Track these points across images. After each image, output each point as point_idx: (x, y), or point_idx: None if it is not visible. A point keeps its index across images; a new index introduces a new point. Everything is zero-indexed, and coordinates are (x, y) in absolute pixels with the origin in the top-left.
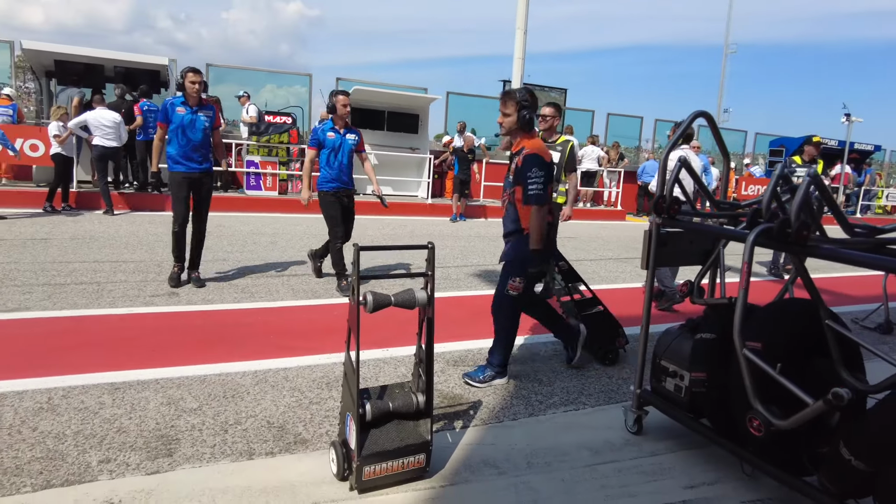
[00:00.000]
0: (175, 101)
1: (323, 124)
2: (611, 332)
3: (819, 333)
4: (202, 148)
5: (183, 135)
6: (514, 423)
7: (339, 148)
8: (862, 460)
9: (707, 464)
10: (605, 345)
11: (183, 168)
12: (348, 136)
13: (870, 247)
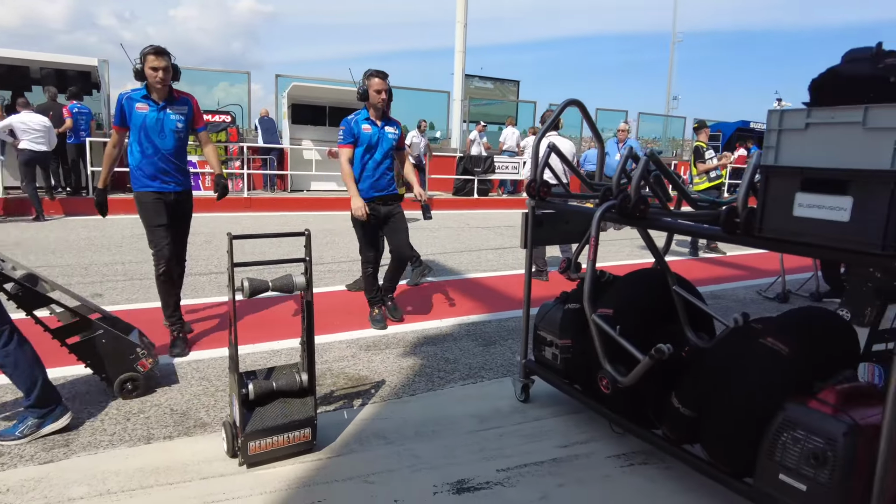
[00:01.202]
0: (133, 94)
1: (356, 115)
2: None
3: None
4: (176, 158)
5: (148, 140)
6: (412, 399)
7: (377, 145)
8: (688, 408)
9: (583, 425)
10: (117, 374)
11: (154, 187)
12: (387, 129)
13: (709, 218)
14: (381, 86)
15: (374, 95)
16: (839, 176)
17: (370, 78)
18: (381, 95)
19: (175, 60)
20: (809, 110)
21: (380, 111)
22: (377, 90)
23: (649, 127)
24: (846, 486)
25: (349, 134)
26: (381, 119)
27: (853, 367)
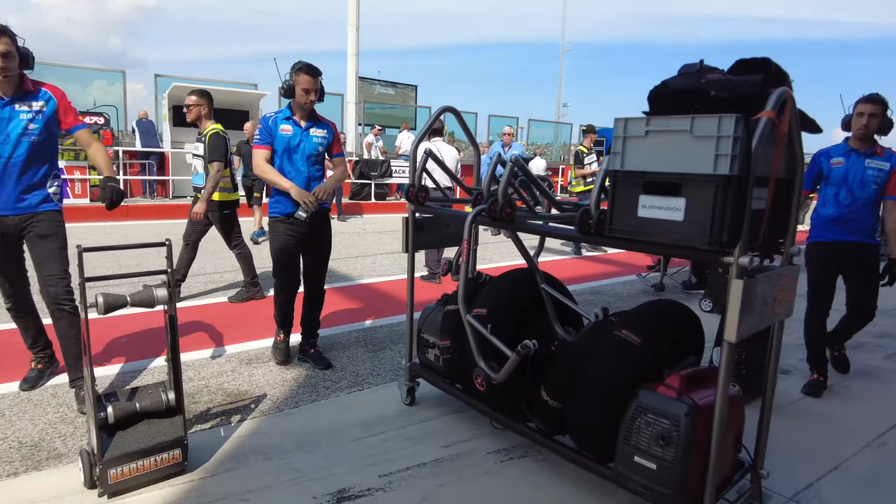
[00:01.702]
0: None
1: (277, 112)
2: None
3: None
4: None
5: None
6: (295, 411)
7: (298, 149)
8: (555, 399)
9: (466, 424)
10: None
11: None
12: (313, 131)
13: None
14: (311, 84)
15: (300, 94)
16: (673, 179)
17: (298, 73)
18: (309, 96)
19: (24, 44)
20: (648, 119)
21: (306, 112)
22: (305, 89)
23: (541, 133)
24: (687, 462)
25: (266, 134)
26: (306, 119)
27: (697, 354)
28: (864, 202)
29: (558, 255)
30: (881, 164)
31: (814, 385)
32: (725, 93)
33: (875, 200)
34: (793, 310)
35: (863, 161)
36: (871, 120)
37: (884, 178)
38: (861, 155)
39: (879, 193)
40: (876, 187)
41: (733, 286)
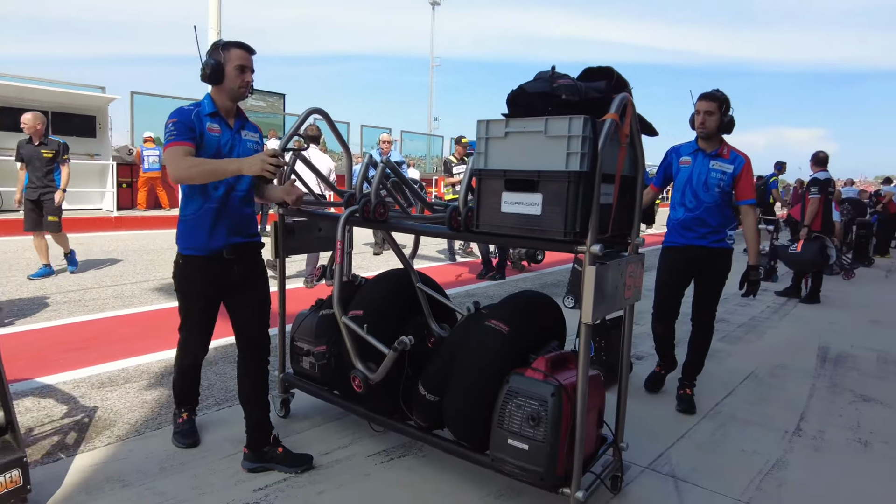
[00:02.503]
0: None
1: (195, 106)
2: None
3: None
4: None
5: None
6: (157, 433)
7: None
8: (432, 393)
9: (344, 429)
10: None
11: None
12: (245, 134)
13: (441, 220)
14: (248, 61)
15: (233, 75)
16: (531, 176)
17: (228, 49)
18: (245, 77)
19: None
20: (508, 121)
21: (233, 107)
22: (241, 66)
23: (413, 145)
24: (556, 439)
25: (186, 129)
26: (234, 117)
27: (559, 339)
28: (709, 206)
29: (434, 261)
30: (725, 167)
31: (651, 379)
32: (575, 96)
33: (721, 203)
34: (640, 295)
35: (708, 162)
36: (707, 118)
37: (727, 182)
38: (707, 155)
39: (725, 197)
40: (719, 191)
41: (587, 272)
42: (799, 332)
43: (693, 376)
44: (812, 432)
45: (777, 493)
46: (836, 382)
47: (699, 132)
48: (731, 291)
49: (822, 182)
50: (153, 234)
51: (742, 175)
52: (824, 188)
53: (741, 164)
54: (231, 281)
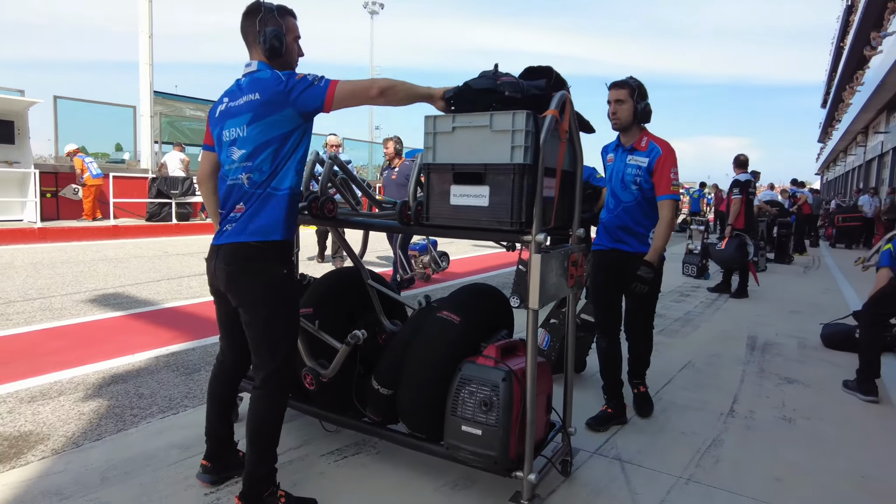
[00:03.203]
0: None
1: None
2: None
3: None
4: None
5: None
6: (97, 444)
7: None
8: (385, 387)
9: (297, 431)
10: None
11: None
12: None
13: (391, 215)
14: (299, 32)
15: (293, 48)
16: (478, 169)
17: (284, 17)
18: (300, 50)
19: None
20: (454, 116)
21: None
22: (297, 37)
23: (356, 154)
24: (508, 423)
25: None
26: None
27: (508, 328)
28: (628, 206)
29: (385, 266)
30: (640, 160)
31: (598, 418)
32: (517, 93)
33: (641, 202)
34: (583, 285)
35: (626, 157)
36: (617, 107)
37: (644, 177)
38: (625, 150)
39: (647, 194)
40: (636, 188)
41: (532, 260)
42: (730, 324)
43: (641, 373)
44: (744, 413)
45: (714, 469)
46: (763, 368)
47: (613, 125)
48: (667, 289)
49: (743, 183)
50: (82, 246)
51: (658, 167)
52: (745, 189)
53: (656, 154)
54: None
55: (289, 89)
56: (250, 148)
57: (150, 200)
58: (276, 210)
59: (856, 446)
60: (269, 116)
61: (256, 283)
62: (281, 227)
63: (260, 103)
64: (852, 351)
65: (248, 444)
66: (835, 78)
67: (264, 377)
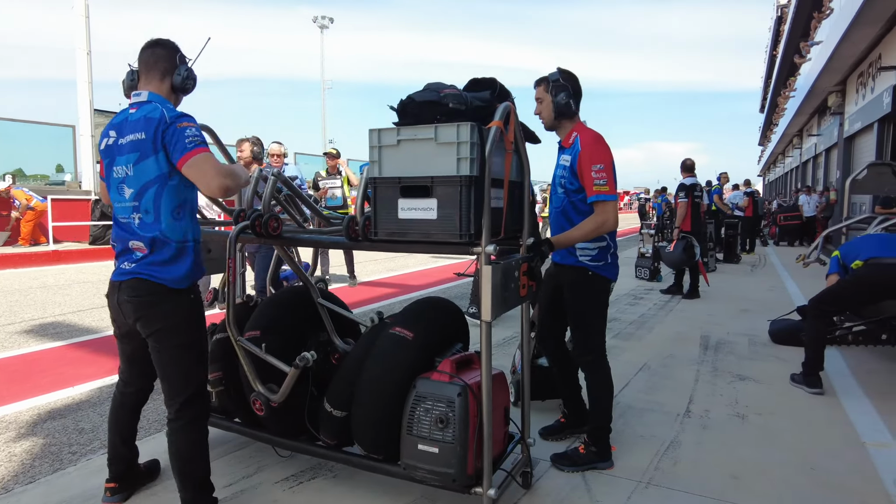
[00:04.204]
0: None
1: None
2: None
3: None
4: None
5: None
6: (29, 487)
7: None
8: (339, 409)
9: (248, 459)
10: None
11: None
12: None
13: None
14: None
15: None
16: (425, 182)
17: None
18: None
19: None
20: (399, 129)
21: None
22: None
23: (309, 169)
24: (465, 439)
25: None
26: None
27: (463, 342)
28: (556, 211)
29: (337, 282)
30: (565, 159)
31: (549, 427)
32: (461, 105)
33: (564, 207)
34: (535, 294)
35: (559, 157)
36: (539, 106)
37: (568, 177)
38: (560, 151)
39: (570, 197)
40: (562, 190)
41: (483, 272)
42: (683, 325)
43: (592, 431)
44: (699, 412)
45: (673, 471)
46: (716, 367)
47: (544, 124)
48: (622, 292)
49: (689, 187)
50: (18, 273)
51: (579, 165)
52: (690, 192)
53: (577, 151)
54: None
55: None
56: (137, 187)
57: (94, 223)
58: (175, 263)
59: (805, 438)
60: (151, 156)
61: (166, 312)
62: (187, 280)
63: (146, 142)
64: (798, 345)
65: (180, 483)
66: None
67: (179, 407)
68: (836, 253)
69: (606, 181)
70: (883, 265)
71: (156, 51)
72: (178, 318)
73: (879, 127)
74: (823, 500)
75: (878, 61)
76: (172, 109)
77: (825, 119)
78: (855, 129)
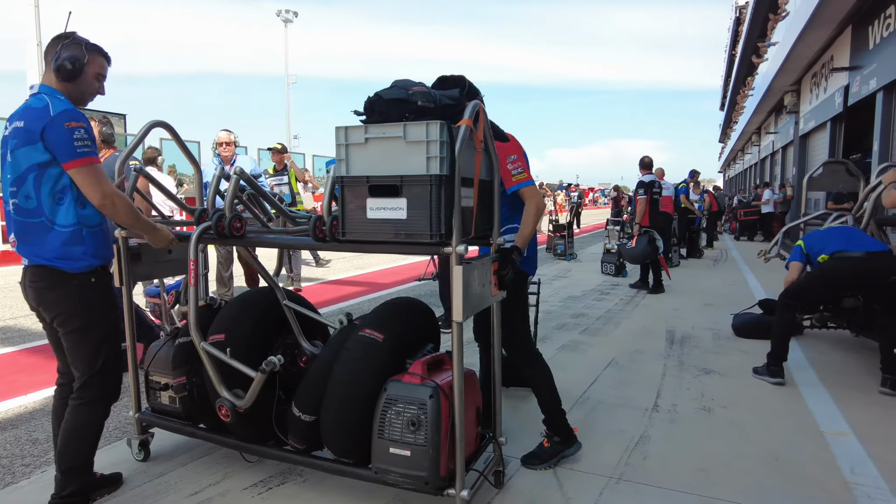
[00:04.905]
0: None
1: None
2: None
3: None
4: None
5: None
6: None
7: None
8: (307, 413)
9: (215, 466)
10: None
11: None
12: None
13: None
14: (105, 72)
15: (90, 80)
16: (394, 182)
17: (93, 53)
18: (99, 87)
19: None
20: (367, 127)
21: None
22: (100, 74)
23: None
24: (437, 441)
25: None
26: None
27: (434, 342)
28: None
29: (307, 282)
30: None
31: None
32: (430, 103)
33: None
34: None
35: None
36: None
37: None
38: None
39: None
40: None
41: (454, 272)
42: (649, 319)
43: (547, 421)
44: (667, 406)
45: (643, 466)
46: (682, 361)
47: None
48: (588, 288)
49: (647, 184)
50: None
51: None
52: (649, 189)
53: None
54: None
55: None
56: (15, 175)
57: None
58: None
59: (768, 429)
60: (27, 145)
61: (63, 295)
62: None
63: (23, 130)
64: (760, 338)
65: (58, 457)
66: (729, 83)
67: (80, 385)
68: (800, 242)
69: (523, 169)
70: (848, 259)
71: (49, 46)
72: (74, 302)
73: (832, 126)
74: (787, 491)
75: (831, 63)
76: (61, 102)
77: (782, 118)
78: (809, 128)
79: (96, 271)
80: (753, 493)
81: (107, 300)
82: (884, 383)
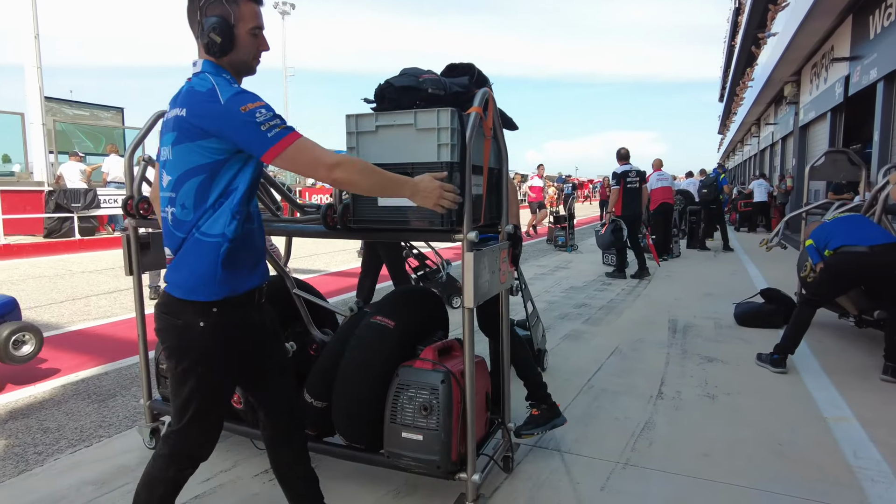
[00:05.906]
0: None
1: (222, 77)
2: None
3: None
4: None
5: None
6: None
7: None
8: (319, 399)
9: (226, 453)
10: None
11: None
12: None
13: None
14: (262, 21)
15: (247, 42)
16: (405, 169)
17: (237, 3)
18: (261, 44)
19: None
20: (377, 115)
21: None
22: (256, 27)
23: None
24: (449, 425)
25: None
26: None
27: (444, 329)
28: None
29: (309, 273)
30: None
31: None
32: (440, 90)
33: None
34: (513, 280)
35: None
36: None
37: None
38: None
39: None
40: None
41: (466, 259)
42: (651, 309)
43: (528, 392)
44: (671, 394)
45: (648, 451)
46: (685, 349)
47: None
48: (590, 278)
49: (620, 175)
50: None
51: None
52: (622, 179)
53: None
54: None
55: (223, 116)
56: (175, 175)
57: (49, 215)
58: (200, 264)
59: (771, 416)
60: (194, 140)
61: (173, 330)
62: (205, 288)
63: (185, 120)
64: (761, 327)
65: None
66: (729, 74)
67: (167, 433)
68: (810, 241)
69: None
70: (849, 254)
71: (188, 8)
72: (181, 340)
73: (832, 116)
74: (790, 475)
75: (831, 53)
76: (227, 84)
77: (781, 108)
78: (809, 119)
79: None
80: (757, 478)
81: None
82: (885, 371)
